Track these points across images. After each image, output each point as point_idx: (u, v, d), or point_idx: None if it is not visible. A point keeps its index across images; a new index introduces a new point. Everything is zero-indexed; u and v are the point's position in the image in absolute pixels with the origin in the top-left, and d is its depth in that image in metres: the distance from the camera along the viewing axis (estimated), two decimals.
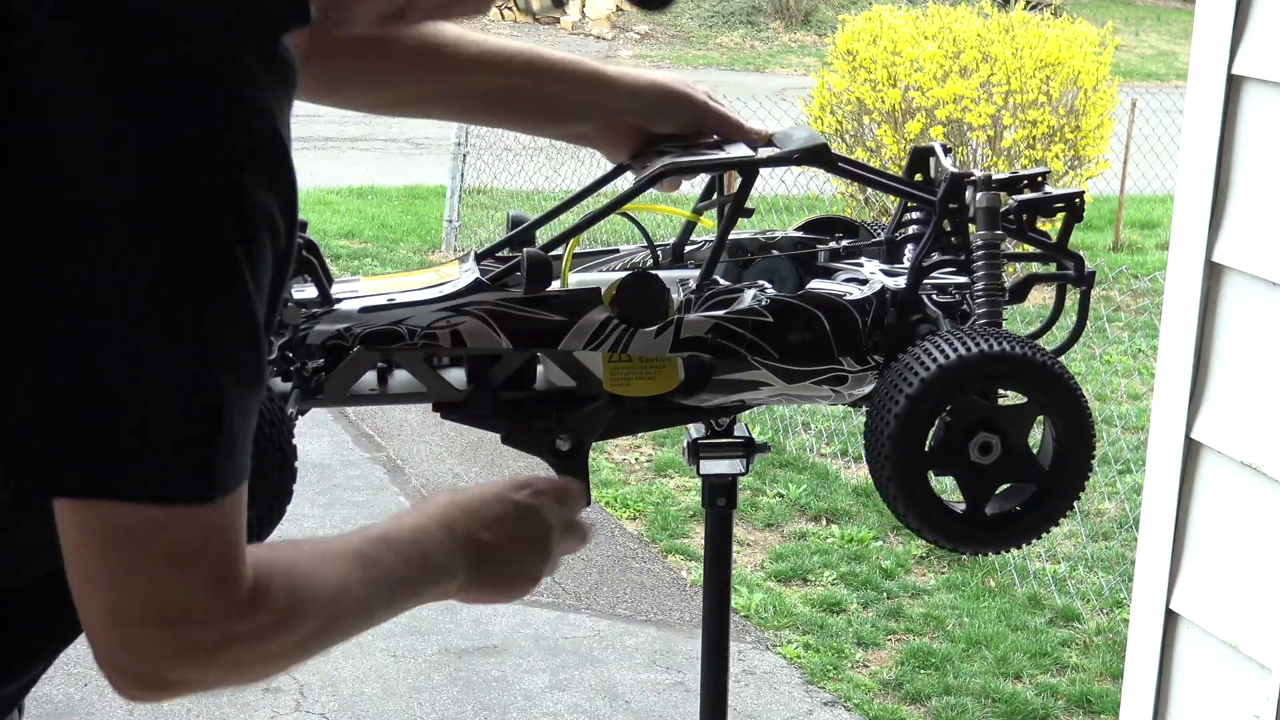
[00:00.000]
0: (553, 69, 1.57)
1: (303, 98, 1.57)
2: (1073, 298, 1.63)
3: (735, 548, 5.04)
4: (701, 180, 1.63)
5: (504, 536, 1.29)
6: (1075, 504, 1.53)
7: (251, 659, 1.09)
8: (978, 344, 1.44)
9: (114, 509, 1.01)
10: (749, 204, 1.54)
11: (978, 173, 1.56)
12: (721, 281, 1.53)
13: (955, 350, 1.43)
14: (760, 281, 1.56)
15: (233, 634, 1.06)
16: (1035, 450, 1.51)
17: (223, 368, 1.02)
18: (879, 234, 1.66)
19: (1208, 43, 2.32)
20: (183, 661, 1.05)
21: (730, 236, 1.56)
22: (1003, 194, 1.55)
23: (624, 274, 1.50)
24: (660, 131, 1.57)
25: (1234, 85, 2.28)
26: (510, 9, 18.80)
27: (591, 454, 1.61)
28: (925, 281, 1.56)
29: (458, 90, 1.58)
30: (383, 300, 1.47)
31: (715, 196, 1.62)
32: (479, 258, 1.54)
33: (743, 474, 1.68)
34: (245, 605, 1.06)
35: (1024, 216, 1.56)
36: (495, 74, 1.56)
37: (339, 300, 1.46)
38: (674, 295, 1.50)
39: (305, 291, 1.47)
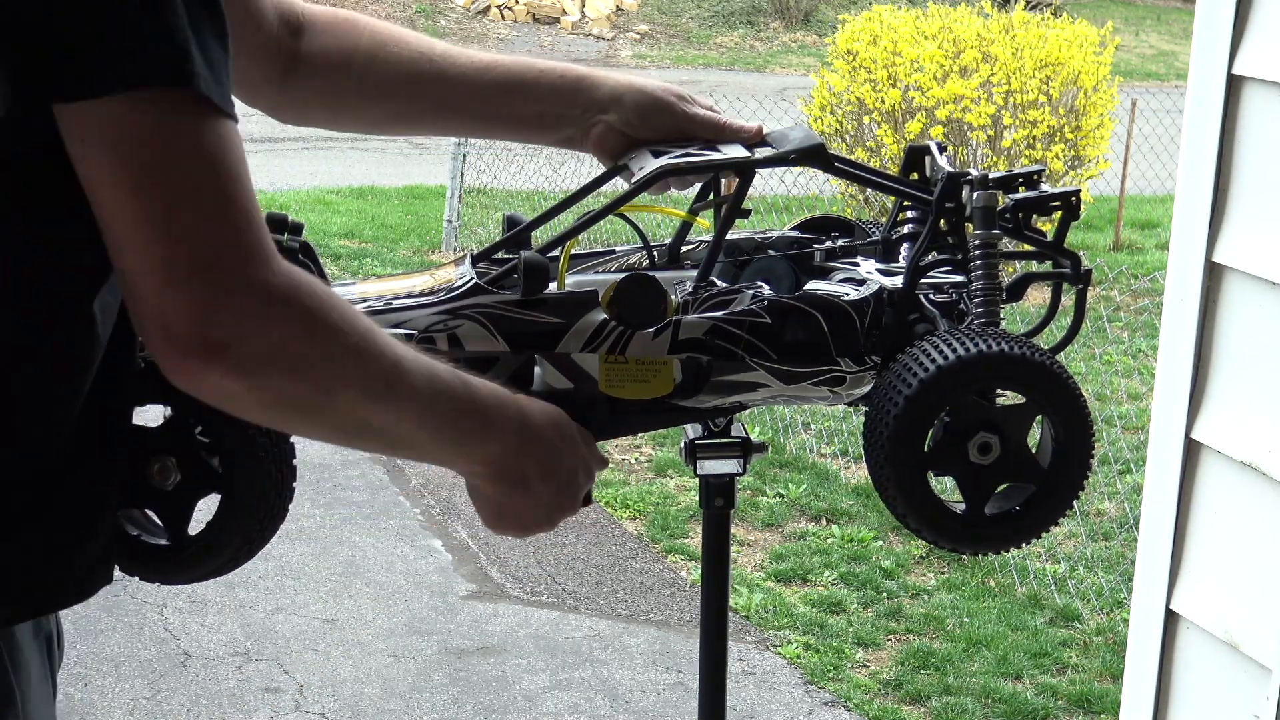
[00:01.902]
0: (538, 78, 1.59)
1: (293, 120, 1.60)
2: (1069, 296, 1.63)
3: (735, 548, 5.05)
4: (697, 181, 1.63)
5: (556, 449, 1.35)
6: (1075, 504, 1.53)
7: (291, 346, 1.14)
8: (976, 344, 1.44)
9: (131, 102, 1.09)
10: (746, 204, 1.54)
11: (974, 171, 1.56)
12: (719, 283, 1.52)
13: (953, 350, 1.43)
14: (757, 282, 1.56)
15: (266, 292, 1.12)
16: (1034, 450, 1.51)
17: None
18: (875, 233, 1.66)
19: (1208, 43, 2.31)
20: (225, 313, 1.11)
21: (727, 237, 1.56)
22: (999, 193, 1.55)
23: (621, 276, 1.50)
24: (645, 139, 1.58)
25: (1234, 85, 2.28)
26: (510, 9, 18.81)
27: None
28: (922, 281, 1.56)
29: (445, 104, 1.60)
30: (379, 304, 1.46)
31: (712, 197, 1.62)
32: (475, 259, 1.54)
33: (740, 474, 1.67)
34: (280, 277, 1.13)
35: (1020, 215, 1.56)
36: (481, 86, 1.58)
37: None
38: (672, 297, 1.50)
39: None
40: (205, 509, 1.39)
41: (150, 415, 1.36)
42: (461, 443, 1.30)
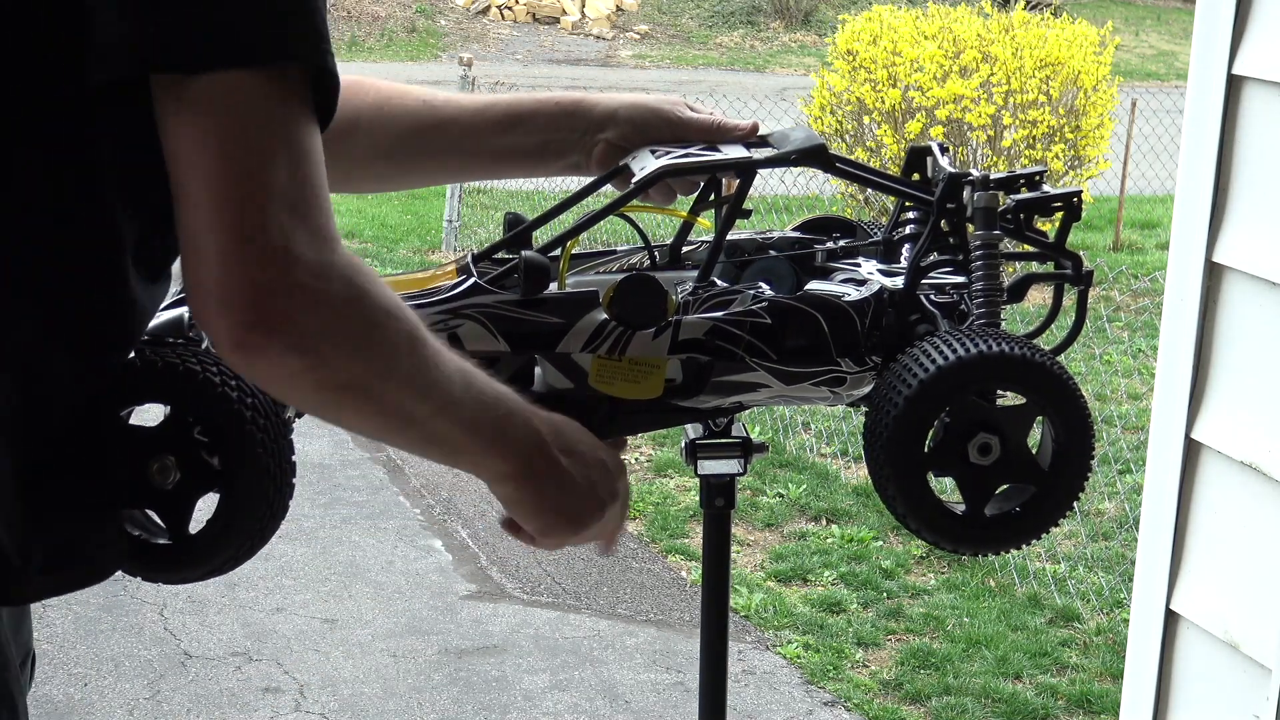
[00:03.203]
0: (536, 110, 1.61)
1: None
2: (1070, 297, 1.63)
3: (735, 548, 5.05)
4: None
5: (579, 460, 1.35)
6: (1075, 505, 1.53)
7: (351, 321, 1.16)
8: (976, 345, 1.44)
9: (218, 79, 1.11)
10: (747, 205, 1.54)
11: (975, 172, 1.56)
12: (719, 283, 1.52)
13: (954, 351, 1.43)
14: (758, 283, 1.56)
15: (330, 265, 1.15)
16: (1034, 451, 1.51)
17: None
18: (876, 234, 1.66)
19: (1208, 43, 2.31)
20: (289, 287, 1.13)
21: (728, 237, 1.56)
22: (1000, 193, 1.55)
23: (622, 276, 1.50)
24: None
25: (1234, 85, 2.28)
26: (510, 9, 18.81)
27: None
28: (923, 281, 1.56)
29: (452, 149, 1.62)
30: None
31: (713, 198, 1.62)
32: (476, 259, 1.54)
33: (740, 474, 1.67)
34: (343, 257, 1.17)
35: (1022, 216, 1.56)
36: (483, 125, 1.61)
37: None
38: (672, 296, 1.50)
39: None
40: (205, 508, 1.39)
41: (150, 415, 1.36)
42: (493, 439, 1.30)
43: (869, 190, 6.92)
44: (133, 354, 1.32)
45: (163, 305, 1.37)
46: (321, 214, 1.16)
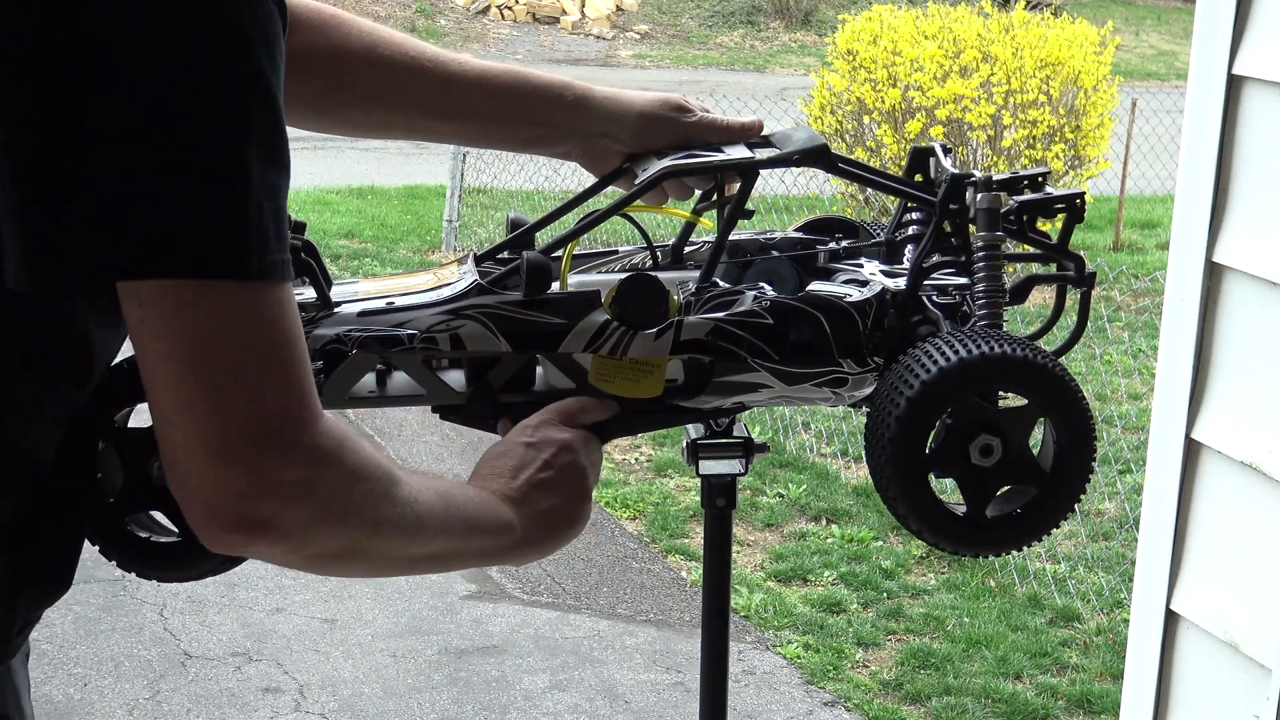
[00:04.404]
0: (537, 92, 1.58)
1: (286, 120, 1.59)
2: (1073, 298, 1.63)
3: (735, 548, 5.05)
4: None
5: (540, 482, 1.36)
6: (1076, 507, 1.52)
7: (334, 508, 1.12)
8: (978, 346, 1.44)
9: (192, 289, 1.05)
10: (749, 205, 1.54)
11: (978, 173, 1.56)
12: (721, 284, 1.53)
13: (955, 352, 1.43)
14: (760, 283, 1.56)
15: (315, 462, 1.10)
16: (1036, 453, 1.51)
17: (250, 148, 1.06)
18: (879, 235, 1.66)
19: (1208, 43, 2.32)
20: (273, 488, 1.08)
21: (730, 238, 1.56)
22: (1002, 195, 1.55)
23: (623, 276, 1.50)
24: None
25: (1234, 85, 2.28)
26: (510, 9, 18.80)
27: None
28: (926, 283, 1.56)
29: (441, 111, 1.58)
30: (381, 304, 1.46)
31: (715, 198, 1.62)
32: (478, 260, 1.54)
33: (742, 474, 1.67)
34: (325, 439, 1.11)
35: (1024, 217, 1.56)
36: (479, 97, 1.57)
37: (338, 304, 1.46)
38: (674, 297, 1.50)
39: (304, 294, 1.46)
40: None
41: (149, 415, 1.36)
42: (486, 532, 1.31)
43: (869, 190, 6.92)
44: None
45: None
46: (300, 399, 1.09)
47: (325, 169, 10.58)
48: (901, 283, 1.55)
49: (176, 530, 1.40)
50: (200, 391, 1.06)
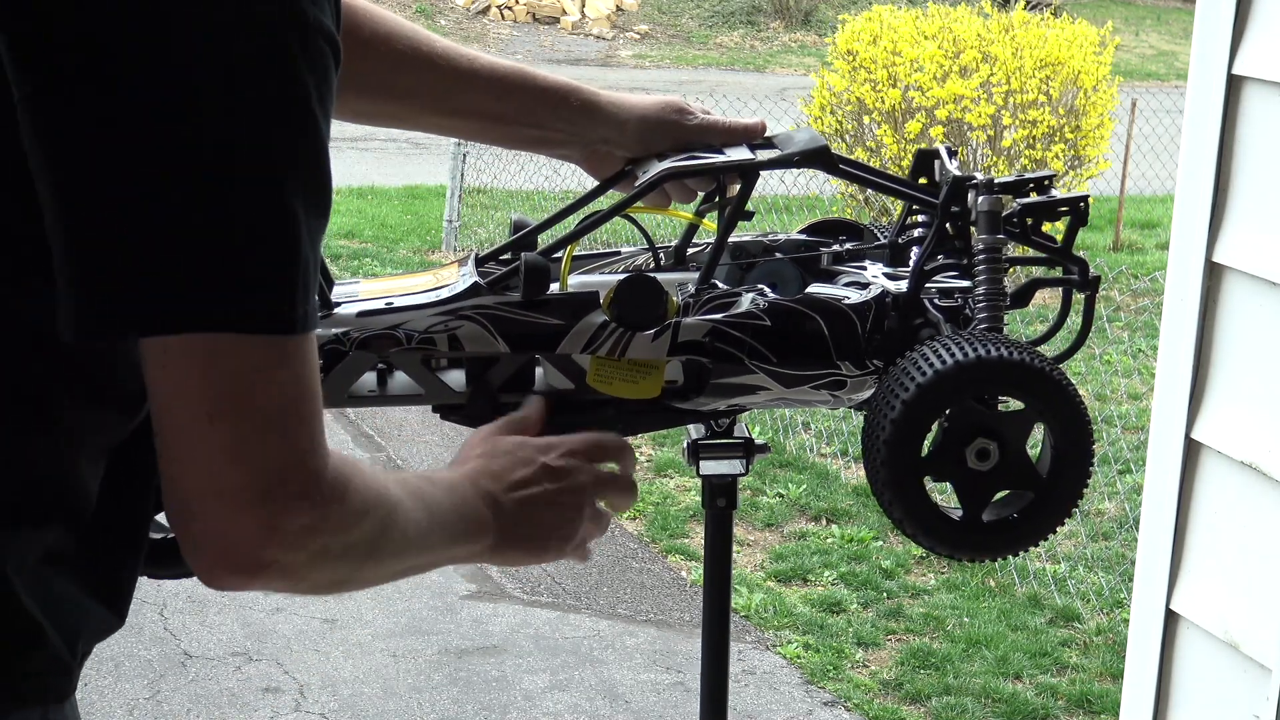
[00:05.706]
0: (544, 95, 1.58)
1: None
2: (1076, 302, 1.62)
3: (735, 548, 5.04)
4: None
5: (531, 499, 1.33)
6: (1073, 511, 1.52)
7: (334, 547, 1.11)
8: (976, 349, 1.43)
9: (210, 342, 1.02)
10: (750, 206, 1.54)
11: (980, 175, 1.55)
12: (720, 285, 1.52)
13: (953, 356, 1.42)
14: (761, 285, 1.56)
15: (324, 507, 1.08)
16: (1034, 457, 1.50)
17: (296, 193, 1.07)
18: (883, 237, 1.66)
19: (1208, 43, 2.32)
20: (285, 533, 1.07)
21: (733, 239, 1.56)
22: (1004, 197, 1.54)
23: (622, 277, 1.50)
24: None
25: (1234, 85, 2.28)
26: (510, 9, 18.80)
27: None
28: (928, 285, 1.55)
29: (449, 107, 1.58)
30: (380, 304, 1.46)
31: (717, 199, 1.62)
32: (479, 261, 1.54)
33: (742, 474, 1.67)
34: (332, 482, 1.09)
35: (1028, 220, 1.56)
36: (487, 96, 1.57)
37: (338, 304, 1.46)
38: (674, 298, 1.50)
39: None
40: None
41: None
42: (467, 535, 1.30)
43: (868, 191, 6.92)
44: None
45: None
46: (314, 446, 1.08)
47: None
48: (903, 285, 1.55)
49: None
50: (221, 441, 1.04)
